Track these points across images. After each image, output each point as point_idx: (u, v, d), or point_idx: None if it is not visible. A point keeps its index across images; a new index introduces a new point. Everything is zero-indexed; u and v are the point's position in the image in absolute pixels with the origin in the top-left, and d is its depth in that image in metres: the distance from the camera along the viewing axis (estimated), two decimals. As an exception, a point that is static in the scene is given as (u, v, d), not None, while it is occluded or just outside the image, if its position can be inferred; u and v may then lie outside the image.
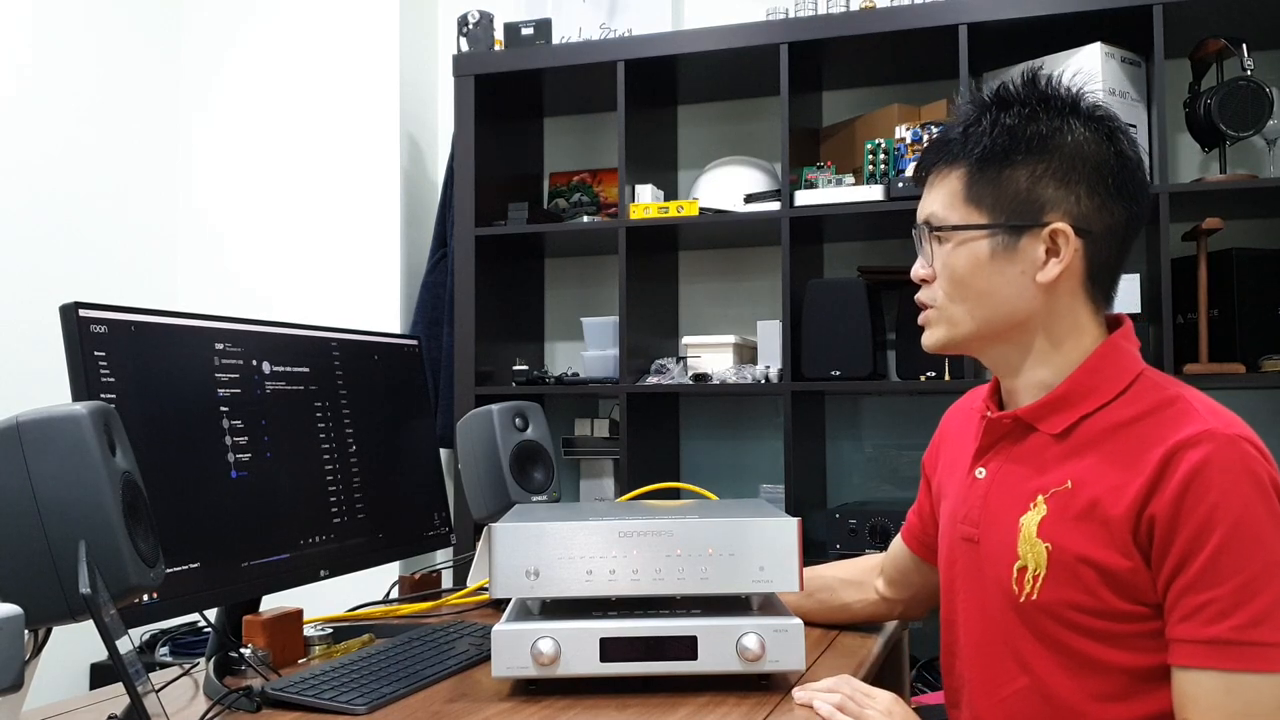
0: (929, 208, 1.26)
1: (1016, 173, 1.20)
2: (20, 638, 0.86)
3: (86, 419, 0.98)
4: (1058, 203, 1.20)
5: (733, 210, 2.85)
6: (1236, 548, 1.08)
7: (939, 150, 1.26)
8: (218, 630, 1.41)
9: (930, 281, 1.26)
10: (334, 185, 3.34)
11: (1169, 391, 1.19)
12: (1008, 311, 1.22)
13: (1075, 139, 1.20)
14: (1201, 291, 2.48)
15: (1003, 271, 1.21)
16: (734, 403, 3.18)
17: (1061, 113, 1.22)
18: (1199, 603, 1.09)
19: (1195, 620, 1.09)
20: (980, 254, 1.21)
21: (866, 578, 1.59)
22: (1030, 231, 1.20)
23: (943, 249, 1.24)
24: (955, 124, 1.26)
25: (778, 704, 1.21)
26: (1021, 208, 1.20)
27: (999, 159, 1.21)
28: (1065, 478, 1.19)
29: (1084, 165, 1.20)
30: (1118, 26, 2.58)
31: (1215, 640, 1.07)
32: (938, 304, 1.26)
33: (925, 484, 1.48)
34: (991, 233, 1.21)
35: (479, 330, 3.00)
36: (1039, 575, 1.18)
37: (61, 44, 3.10)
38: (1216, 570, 1.08)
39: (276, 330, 1.57)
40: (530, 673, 1.23)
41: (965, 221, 1.22)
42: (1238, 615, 1.07)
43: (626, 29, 3.14)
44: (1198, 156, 2.77)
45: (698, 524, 1.27)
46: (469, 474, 1.83)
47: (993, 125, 1.22)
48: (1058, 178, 1.20)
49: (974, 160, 1.22)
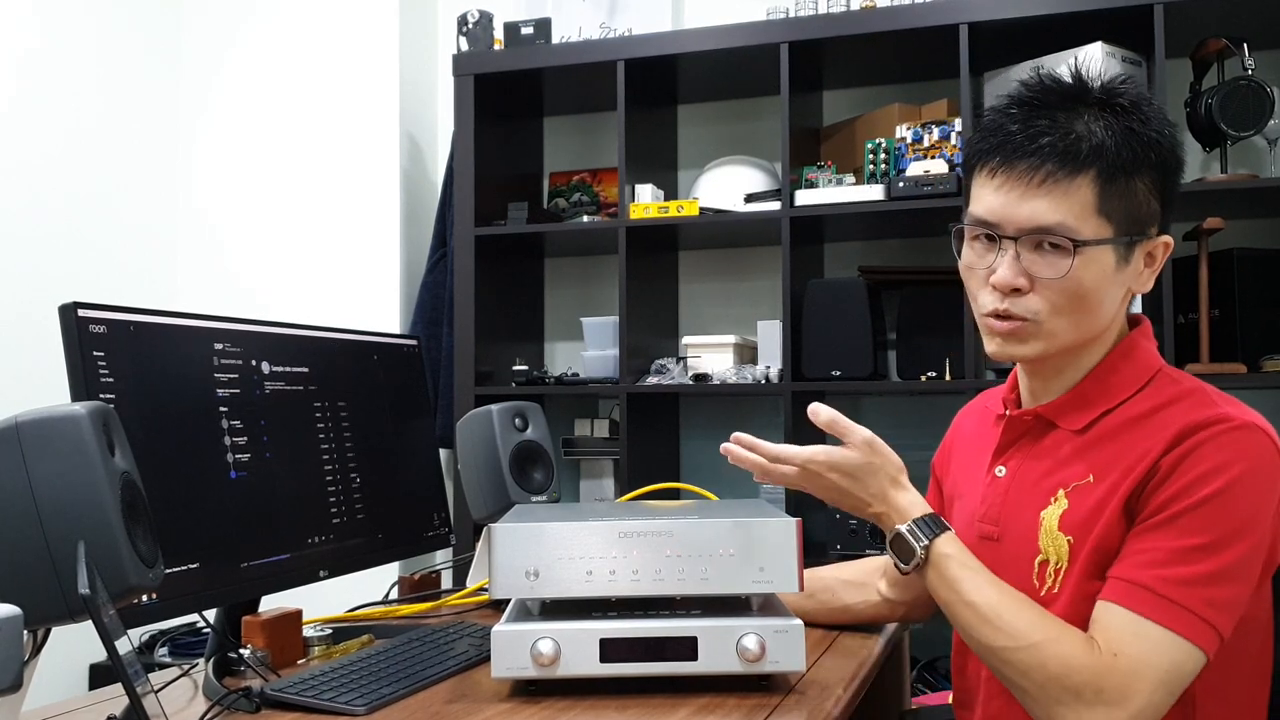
0: (1051, 216, 1.15)
1: (1141, 183, 1.18)
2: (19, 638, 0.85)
3: (86, 419, 0.98)
4: (1159, 214, 1.20)
5: (733, 210, 2.85)
6: (1206, 512, 1.09)
7: (1061, 154, 1.16)
8: (217, 631, 1.41)
9: (1024, 291, 1.18)
10: (334, 185, 3.34)
11: (1187, 385, 1.20)
12: (1104, 323, 1.22)
13: (1170, 145, 1.20)
14: (1202, 291, 2.48)
15: (1116, 284, 1.19)
16: (734, 403, 3.18)
17: (1160, 119, 1.20)
18: (1147, 547, 1.11)
19: (1135, 561, 1.11)
20: (1108, 268, 1.17)
21: (868, 579, 1.59)
22: (1141, 243, 1.19)
23: (1069, 262, 1.15)
24: (1051, 121, 1.17)
25: (778, 705, 1.21)
26: (1142, 219, 1.19)
27: (1129, 169, 1.16)
28: (1086, 471, 1.19)
29: (1173, 174, 1.21)
30: (1118, 26, 2.58)
31: (1143, 585, 1.09)
32: (1039, 317, 1.19)
33: (935, 485, 1.48)
34: (1115, 246, 1.18)
35: (479, 330, 3.00)
36: (1060, 569, 1.18)
37: (61, 45, 3.10)
38: (1178, 526, 1.10)
39: (276, 330, 1.57)
40: (530, 673, 1.23)
41: (1098, 234, 1.16)
42: (1173, 570, 1.09)
43: (626, 28, 3.14)
44: (1199, 156, 2.77)
45: (698, 524, 1.27)
46: (468, 474, 1.83)
47: (1126, 131, 1.16)
48: (1159, 189, 1.19)
49: (1106, 169, 1.16)
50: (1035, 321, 1.19)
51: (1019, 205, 1.16)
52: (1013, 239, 1.17)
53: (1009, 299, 1.19)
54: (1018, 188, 1.17)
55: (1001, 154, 1.18)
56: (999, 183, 1.18)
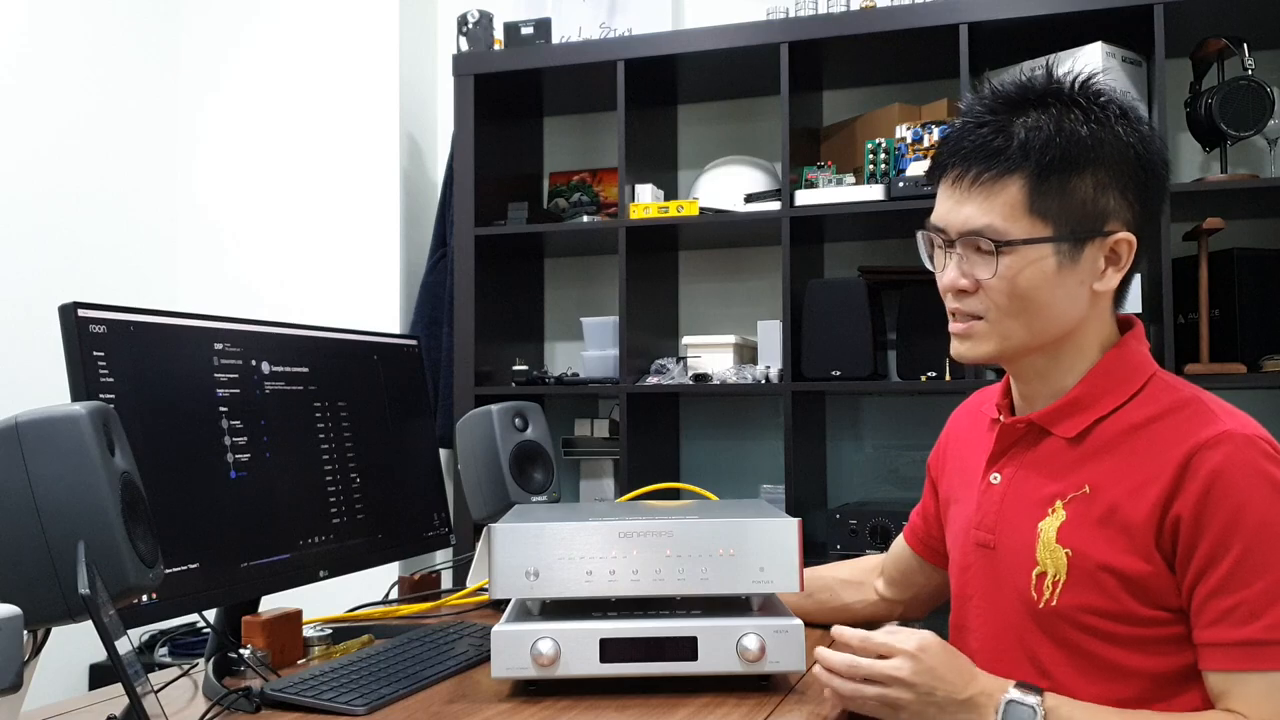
0: (980, 219, 1.17)
1: (1082, 181, 1.15)
2: (19, 638, 0.85)
3: (85, 419, 0.98)
4: (1118, 211, 1.17)
5: (733, 210, 2.85)
6: (1262, 549, 1.08)
7: (988, 157, 1.17)
8: (217, 631, 1.41)
9: (970, 292, 1.20)
10: (334, 185, 3.34)
11: (1183, 393, 1.18)
12: (1061, 324, 1.19)
13: (1127, 142, 1.17)
14: (1202, 291, 2.48)
15: (1064, 284, 1.17)
16: (734, 403, 3.18)
17: (1115, 116, 1.18)
18: (1228, 605, 1.08)
19: (1226, 623, 1.09)
20: (1047, 269, 1.16)
21: (866, 578, 1.59)
22: (1093, 242, 1.17)
23: (1002, 262, 1.16)
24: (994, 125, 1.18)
25: (778, 705, 1.21)
26: (1087, 218, 1.16)
27: (1064, 167, 1.15)
28: (1083, 482, 1.18)
29: (1135, 169, 1.17)
30: (1118, 26, 2.58)
31: (1249, 642, 1.07)
32: (989, 317, 1.20)
33: (930, 486, 1.48)
34: (1056, 246, 1.16)
35: (479, 330, 3.00)
36: (1059, 581, 1.17)
37: (61, 44, 3.10)
38: (1243, 573, 1.08)
39: (276, 330, 1.57)
40: (530, 673, 1.23)
41: (1031, 234, 1.16)
42: (1269, 615, 1.07)
43: (626, 28, 3.14)
44: (1199, 156, 2.77)
45: (698, 524, 1.27)
46: (468, 474, 1.83)
47: (1056, 130, 1.15)
48: (1117, 185, 1.17)
49: (1037, 168, 1.15)
50: (984, 321, 1.21)
51: (957, 209, 1.19)
52: (955, 242, 1.20)
53: (958, 299, 1.22)
54: (956, 192, 1.20)
55: (948, 160, 1.21)
56: (946, 188, 1.21)
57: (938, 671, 1.11)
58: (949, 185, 1.21)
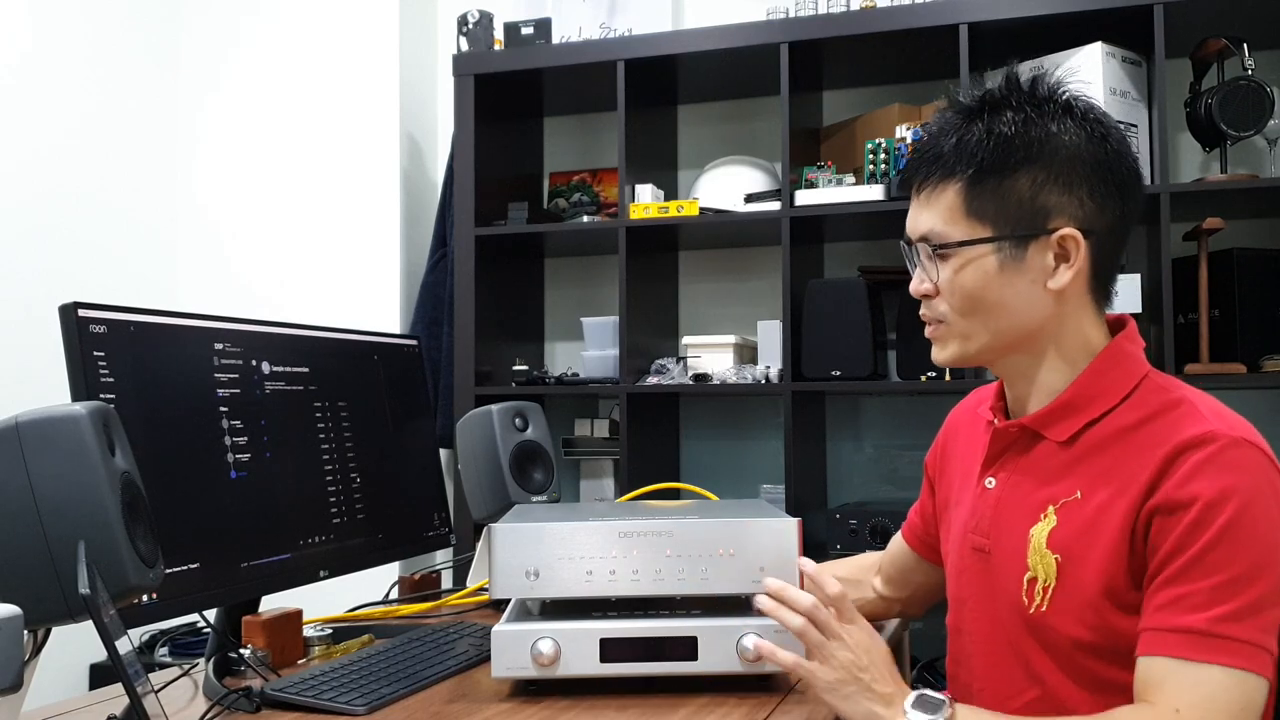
0: (925, 224, 1.22)
1: (1018, 181, 1.17)
2: (20, 638, 0.85)
3: (86, 419, 0.98)
4: (1062, 208, 1.18)
5: (733, 210, 2.85)
6: (1227, 545, 1.07)
7: (930, 163, 1.22)
8: (217, 631, 1.41)
9: (932, 296, 1.23)
10: (334, 185, 3.34)
11: (1173, 395, 1.17)
12: (1021, 322, 1.20)
13: (1071, 140, 1.18)
14: (1202, 291, 2.48)
15: (1013, 283, 1.18)
16: (734, 403, 3.18)
17: (1054, 114, 1.19)
18: (1179, 594, 1.08)
19: (1172, 610, 1.08)
20: (989, 268, 1.19)
21: (864, 576, 1.59)
22: (1037, 240, 1.17)
23: (947, 265, 1.20)
24: (943, 133, 1.22)
25: (778, 704, 1.21)
26: (1026, 217, 1.17)
27: (997, 169, 1.17)
28: (1075, 488, 1.17)
29: (1083, 166, 1.18)
30: (1118, 26, 2.58)
31: (1190, 630, 1.06)
32: (947, 320, 1.23)
33: (928, 484, 1.48)
34: (998, 245, 1.18)
35: (479, 330, 3.00)
36: (1049, 587, 1.16)
37: (61, 44, 3.10)
38: (1203, 566, 1.07)
39: (276, 330, 1.57)
40: (530, 673, 1.23)
41: (969, 236, 1.19)
42: (1216, 609, 1.06)
43: (626, 29, 3.14)
44: (1198, 156, 2.77)
45: (698, 524, 1.27)
46: (469, 474, 1.83)
47: (987, 134, 1.18)
48: (1060, 182, 1.17)
49: (971, 172, 1.18)
50: (947, 324, 1.24)
51: (915, 217, 1.25)
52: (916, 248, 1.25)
53: (925, 305, 1.26)
54: (915, 201, 1.25)
55: (908, 171, 1.27)
56: (912, 198, 1.26)
57: (875, 660, 1.17)
58: (913, 195, 1.26)
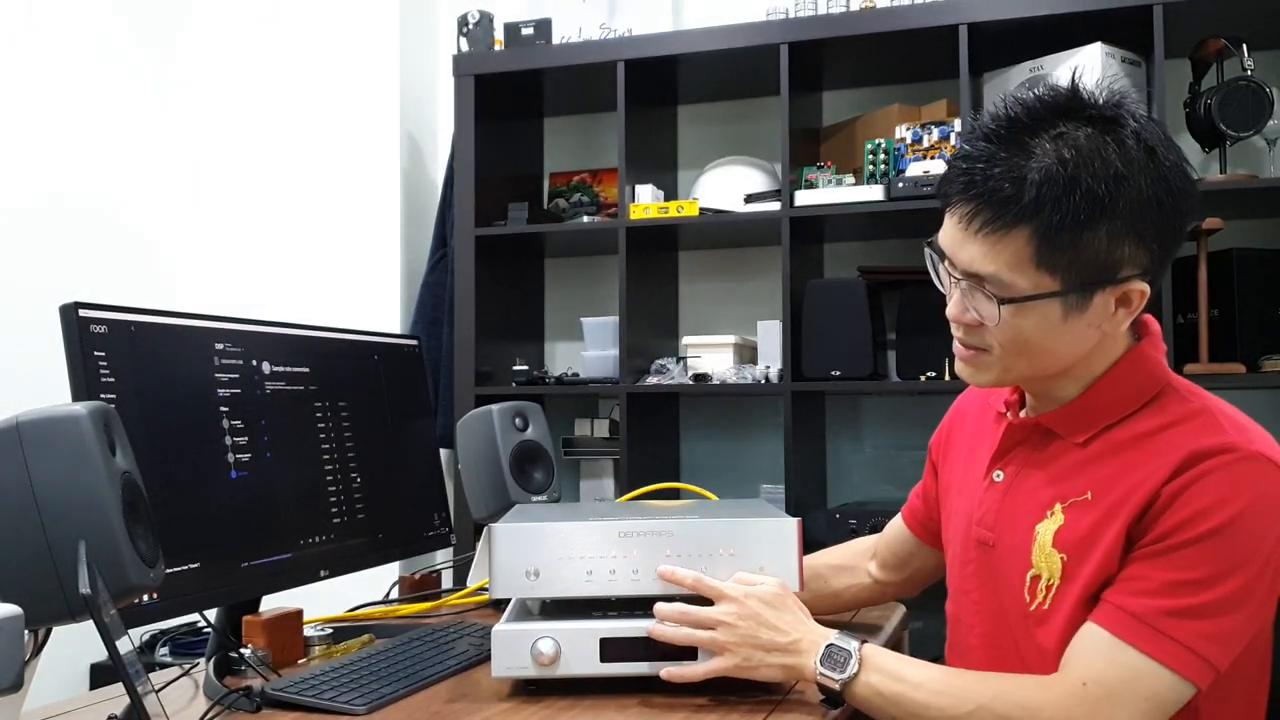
0: (984, 267, 1.12)
1: (1096, 235, 1.09)
2: (20, 638, 0.85)
3: (86, 419, 0.98)
4: (1134, 260, 1.12)
5: (733, 210, 2.85)
6: (1203, 548, 1.07)
7: (997, 205, 1.10)
8: (217, 630, 1.41)
9: (973, 326, 1.18)
10: (334, 185, 3.34)
11: (1194, 404, 1.16)
12: (1069, 359, 1.17)
13: (1145, 183, 1.10)
14: (1202, 292, 2.48)
15: (1071, 329, 1.14)
16: (734, 403, 3.18)
17: (1134, 158, 1.10)
18: (1137, 575, 1.09)
19: (1124, 588, 1.09)
20: (1052, 318, 1.13)
21: (858, 562, 1.58)
22: (1104, 289, 1.12)
23: (1005, 310, 1.13)
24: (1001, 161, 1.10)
25: (778, 705, 1.21)
26: (1098, 270, 1.11)
27: (1076, 225, 1.08)
28: (1085, 488, 1.16)
29: (1154, 213, 1.11)
30: (1118, 26, 2.58)
31: (1131, 612, 1.08)
32: (994, 353, 1.17)
33: (931, 468, 1.46)
34: (1065, 296, 1.12)
35: (479, 330, 3.00)
36: (1052, 585, 1.16)
37: (61, 44, 3.10)
38: (1171, 559, 1.08)
39: (276, 330, 1.57)
40: (530, 673, 1.23)
41: (1037, 289, 1.11)
42: (1165, 601, 1.07)
43: (626, 29, 3.14)
44: (1198, 157, 2.77)
45: (698, 524, 1.27)
46: (469, 474, 1.83)
47: (1071, 183, 1.07)
48: (1134, 234, 1.10)
49: (1047, 224, 1.08)
50: (991, 356, 1.18)
51: (961, 248, 1.15)
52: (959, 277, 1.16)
53: (963, 330, 1.20)
54: (960, 230, 1.15)
55: (954, 191, 1.15)
56: (953, 219, 1.16)
57: (762, 616, 1.19)
58: (955, 218, 1.15)
